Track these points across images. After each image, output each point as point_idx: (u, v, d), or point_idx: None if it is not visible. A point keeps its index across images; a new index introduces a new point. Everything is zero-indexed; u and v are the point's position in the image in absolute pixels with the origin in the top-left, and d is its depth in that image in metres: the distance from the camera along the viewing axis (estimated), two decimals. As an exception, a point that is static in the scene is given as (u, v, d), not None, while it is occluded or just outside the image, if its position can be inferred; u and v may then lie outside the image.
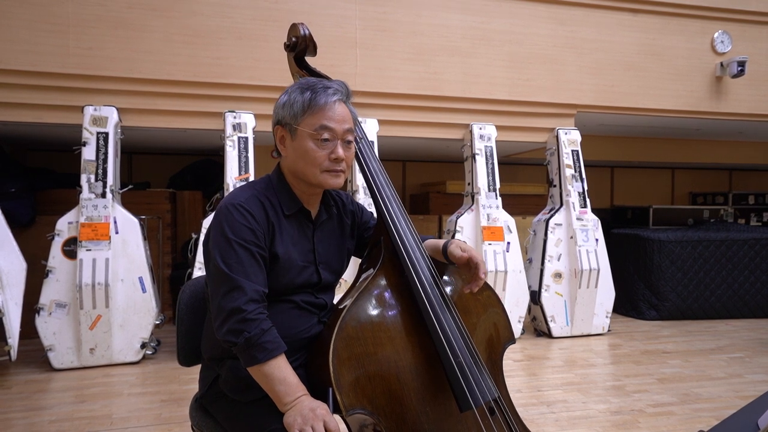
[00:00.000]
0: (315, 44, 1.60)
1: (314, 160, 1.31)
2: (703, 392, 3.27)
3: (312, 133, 1.30)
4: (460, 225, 4.52)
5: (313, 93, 1.30)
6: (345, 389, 1.20)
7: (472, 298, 1.48)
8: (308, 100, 1.30)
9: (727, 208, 7.43)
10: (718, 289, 5.39)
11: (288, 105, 1.32)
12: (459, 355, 1.30)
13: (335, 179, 1.34)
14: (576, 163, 4.82)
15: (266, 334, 1.21)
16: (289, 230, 1.35)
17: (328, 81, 1.35)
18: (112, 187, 3.79)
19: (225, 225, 1.27)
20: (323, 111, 1.30)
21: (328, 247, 1.45)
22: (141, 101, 4.04)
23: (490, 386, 1.33)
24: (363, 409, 1.21)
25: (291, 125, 1.32)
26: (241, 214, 1.27)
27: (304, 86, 1.33)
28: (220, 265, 1.24)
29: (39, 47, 3.81)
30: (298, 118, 1.31)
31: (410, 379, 1.29)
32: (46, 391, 3.28)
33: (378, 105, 4.46)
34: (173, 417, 2.84)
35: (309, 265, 1.38)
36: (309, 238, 1.40)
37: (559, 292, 4.62)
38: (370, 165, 1.48)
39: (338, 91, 1.33)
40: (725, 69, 5.20)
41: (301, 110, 1.30)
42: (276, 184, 1.38)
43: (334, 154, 1.31)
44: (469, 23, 4.68)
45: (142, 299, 3.79)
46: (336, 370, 1.20)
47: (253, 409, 1.30)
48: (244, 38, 4.19)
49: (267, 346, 1.20)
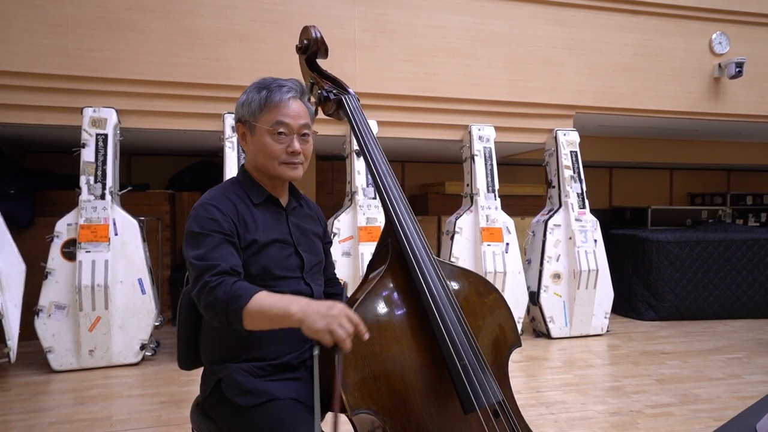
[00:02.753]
0: (327, 47, 1.62)
1: (272, 153, 1.39)
2: (701, 393, 3.27)
3: (269, 129, 1.38)
4: (459, 226, 4.52)
5: (269, 92, 1.39)
6: (350, 389, 1.21)
7: (479, 300, 1.48)
8: (264, 98, 1.38)
9: (726, 209, 7.44)
10: (716, 290, 5.40)
11: (246, 104, 1.41)
12: (464, 358, 1.30)
13: (293, 171, 1.42)
14: (575, 164, 4.82)
15: (234, 286, 1.21)
16: (262, 218, 1.41)
17: (283, 80, 1.43)
18: (112, 188, 3.79)
19: (193, 224, 1.33)
20: (278, 108, 1.38)
21: (302, 231, 1.49)
22: (140, 103, 4.04)
23: (494, 389, 1.33)
24: (368, 409, 1.22)
25: (250, 122, 1.41)
26: (205, 209, 1.33)
27: (261, 85, 1.41)
28: (192, 261, 1.27)
29: (38, 49, 3.80)
30: (256, 116, 1.39)
31: (415, 380, 1.29)
32: (46, 393, 3.28)
33: (377, 106, 4.46)
34: (173, 419, 2.84)
35: (288, 247, 1.43)
36: (284, 222, 1.46)
37: (558, 293, 4.63)
38: (379, 168, 1.49)
39: (292, 89, 1.41)
40: (723, 70, 5.21)
41: (258, 108, 1.39)
42: (241, 179, 1.46)
43: (291, 148, 1.39)
44: (468, 24, 4.69)
45: (142, 301, 3.79)
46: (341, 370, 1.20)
47: (255, 413, 1.30)
48: (243, 40, 4.19)
49: (240, 293, 1.20)
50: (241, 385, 1.32)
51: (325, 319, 1.12)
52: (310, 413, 1.33)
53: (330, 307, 1.14)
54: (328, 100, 1.58)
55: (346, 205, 4.42)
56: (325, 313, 1.12)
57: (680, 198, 8.21)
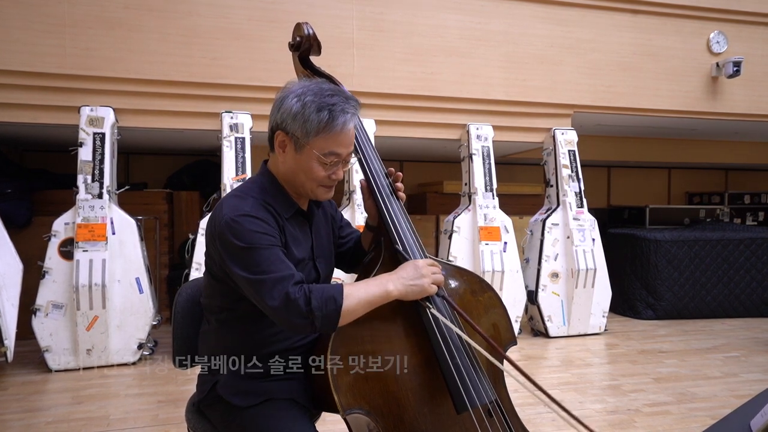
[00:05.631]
0: (319, 44, 1.58)
1: (315, 177, 1.30)
2: (699, 391, 3.28)
3: (320, 157, 1.27)
4: (457, 225, 4.52)
5: (331, 115, 1.24)
6: (342, 389, 1.20)
7: (473, 299, 1.48)
8: (324, 123, 1.24)
9: (723, 208, 7.45)
10: (714, 289, 5.41)
11: (300, 118, 1.24)
12: (456, 357, 1.30)
13: (328, 194, 1.36)
14: (573, 163, 4.83)
15: (319, 291, 1.18)
16: (291, 231, 1.34)
17: (344, 100, 1.27)
18: (109, 187, 3.78)
19: (238, 239, 1.21)
20: (338, 137, 1.26)
21: (321, 239, 1.46)
22: (138, 102, 4.04)
23: (486, 389, 1.32)
24: (360, 409, 1.22)
25: (299, 140, 1.27)
26: (250, 222, 1.22)
27: (322, 103, 1.24)
28: (249, 277, 1.19)
29: (35, 48, 3.80)
30: (310, 137, 1.25)
31: (408, 380, 1.29)
32: (43, 392, 3.27)
33: (375, 105, 4.46)
34: (170, 418, 2.84)
35: (308, 262, 1.38)
36: (308, 234, 1.40)
37: (556, 292, 4.63)
38: (372, 167, 1.46)
39: (355, 115, 1.29)
40: (721, 69, 5.22)
41: (314, 131, 1.24)
42: (270, 188, 1.34)
43: (335, 176, 1.31)
44: (466, 24, 4.68)
45: (139, 300, 3.78)
46: (333, 370, 1.20)
47: (251, 414, 1.30)
48: (241, 39, 4.18)
49: (331, 294, 1.18)
50: (237, 385, 1.31)
51: (422, 279, 1.25)
52: (306, 413, 1.32)
53: (414, 267, 1.26)
54: None
55: (344, 204, 4.42)
56: (417, 275, 1.25)
57: (678, 197, 8.22)
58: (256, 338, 1.33)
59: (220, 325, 1.37)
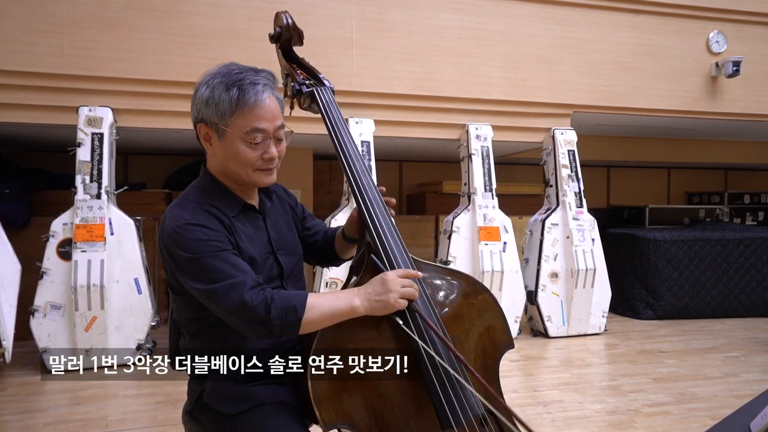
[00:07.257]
0: (300, 33, 1.48)
1: (246, 161, 1.23)
2: (699, 392, 3.27)
3: (243, 136, 1.21)
4: (456, 225, 4.51)
5: (241, 91, 1.19)
6: (324, 404, 1.16)
7: (466, 302, 1.40)
8: (236, 99, 1.19)
9: (723, 208, 7.45)
10: (714, 289, 5.40)
11: (212, 103, 1.21)
12: (439, 370, 1.23)
13: (269, 177, 1.28)
14: (572, 163, 4.82)
15: (280, 299, 1.14)
16: (242, 228, 1.28)
17: (254, 73, 1.23)
18: (107, 188, 3.77)
19: (181, 249, 1.17)
20: (253, 111, 1.20)
21: (280, 231, 1.39)
22: (136, 102, 4.03)
23: (473, 402, 1.25)
24: (343, 424, 1.17)
25: (218, 126, 1.22)
26: (192, 230, 1.17)
27: (229, 81, 1.20)
28: (201, 287, 1.16)
29: (34, 47, 3.79)
30: (226, 119, 1.20)
31: (392, 393, 1.23)
32: (41, 393, 3.27)
33: (374, 105, 4.45)
34: (169, 419, 2.83)
35: (268, 256, 1.32)
36: (263, 228, 1.34)
37: (556, 292, 4.62)
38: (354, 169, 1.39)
39: (267, 86, 1.23)
40: (720, 69, 5.21)
41: (228, 110, 1.20)
42: (210, 188, 1.29)
43: (268, 154, 1.24)
44: (465, 24, 4.68)
45: (138, 300, 3.78)
46: (314, 384, 1.15)
47: (240, 420, 1.26)
48: (239, 38, 4.17)
49: (292, 304, 1.14)
50: (223, 392, 1.27)
51: (389, 294, 1.17)
52: (297, 416, 1.28)
53: (381, 282, 1.18)
54: (301, 93, 1.48)
55: (343, 205, 4.41)
56: (383, 290, 1.17)
57: (678, 197, 8.22)
58: (232, 342, 1.27)
59: (193, 336, 1.33)
